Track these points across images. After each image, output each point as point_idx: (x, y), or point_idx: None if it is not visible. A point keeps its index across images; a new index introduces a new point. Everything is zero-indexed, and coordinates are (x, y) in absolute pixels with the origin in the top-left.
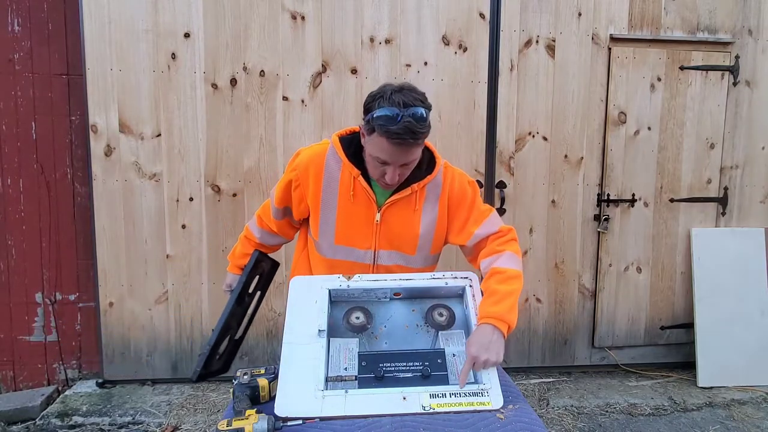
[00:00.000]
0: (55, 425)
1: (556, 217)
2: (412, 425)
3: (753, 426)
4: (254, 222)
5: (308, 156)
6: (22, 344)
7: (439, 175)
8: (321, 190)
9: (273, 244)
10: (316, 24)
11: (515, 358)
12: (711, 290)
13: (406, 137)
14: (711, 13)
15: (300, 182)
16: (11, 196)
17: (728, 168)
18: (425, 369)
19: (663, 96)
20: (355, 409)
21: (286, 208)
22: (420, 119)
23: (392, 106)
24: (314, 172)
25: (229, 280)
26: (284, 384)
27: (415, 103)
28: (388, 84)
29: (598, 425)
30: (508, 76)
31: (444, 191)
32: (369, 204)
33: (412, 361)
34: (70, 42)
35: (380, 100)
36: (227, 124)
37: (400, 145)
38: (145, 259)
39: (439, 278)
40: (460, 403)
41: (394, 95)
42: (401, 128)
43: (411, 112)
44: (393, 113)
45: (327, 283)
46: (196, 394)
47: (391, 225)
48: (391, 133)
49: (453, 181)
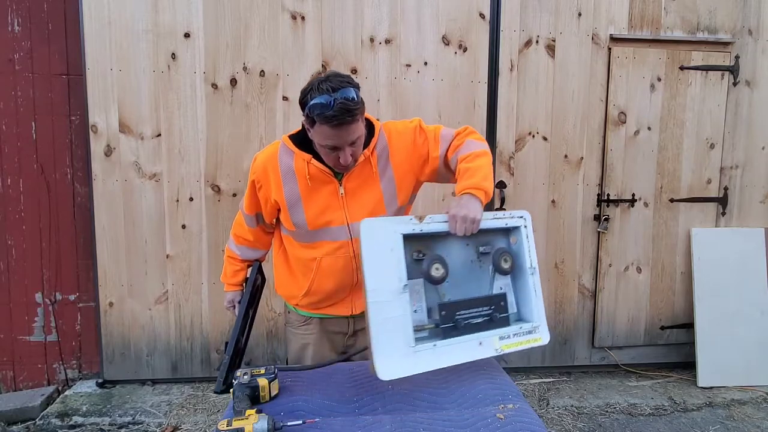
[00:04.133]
0: (55, 425)
1: (556, 217)
2: (412, 425)
3: (753, 426)
4: (232, 242)
5: (263, 157)
6: (22, 344)
7: (382, 135)
8: (282, 184)
9: (253, 258)
10: (316, 24)
11: (515, 358)
12: (711, 290)
13: (343, 117)
14: (711, 13)
15: (261, 183)
16: (11, 196)
17: (728, 168)
18: (493, 314)
19: (663, 96)
20: (443, 360)
21: (257, 213)
22: (350, 99)
23: (323, 93)
24: (272, 170)
25: (230, 297)
26: (380, 347)
27: (343, 85)
28: (315, 77)
29: (598, 425)
30: (508, 76)
31: (392, 147)
32: (329, 181)
33: (481, 307)
34: (70, 42)
35: (311, 92)
36: (227, 124)
37: (341, 126)
38: (145, 259)
39: (500, 218)
40: (520, 342)
41: (323, 84)
42: (337, 111)
43: (341, 95)
44: (326, 100)
45: (400, 226)
46: (196, 394)
47: (356, 193)
48: (329, 117)
49: (396, 133)
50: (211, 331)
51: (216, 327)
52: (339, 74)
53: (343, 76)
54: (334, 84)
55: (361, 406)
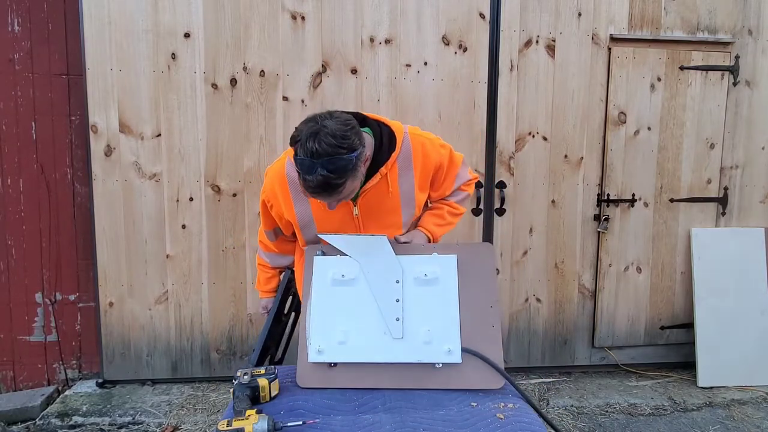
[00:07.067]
0: (55, 425)
1: (556, 217)
2: (412, 425)
3: (753, 426)
4: (261, 250)
5: (270, 175)
6: (22, 344)
7: (407, 143)
8: (292, 204)
9: (284, 264)
10: (316, 24)
11: (515, 358)
12: (711, 290)
13: (322, 191)
14: (711, 13)
15: (272, 202)
16: (11, 196)
17: (728, 168)
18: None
19: (663, 96)
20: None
21: (275, 228)
22: (336, 170)
23: (306, 155)
24: (280, 189)
25: (264, 303)
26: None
27: (333, 151)
28: (310, 119)
29: (598, 425)
30: (508, 76)
31: (416, 159)
32: (342, 202)
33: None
34: (70, 42)
35: (298, 144)
36: (227, 124)
37: (319, 195)
38: (145, 259)
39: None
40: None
41: (309, 142)
42: (315, 184)
43: (325, 167)
44: (306, 166)
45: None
46: (196, 395)
47: (371, 213)
48: (307, 186)
49: (424, 148)
50: (211, 331)
51: (216, 327)
52: (335, 133)
53: (339, 136)
54: (322, 148)
55: (361, 405)
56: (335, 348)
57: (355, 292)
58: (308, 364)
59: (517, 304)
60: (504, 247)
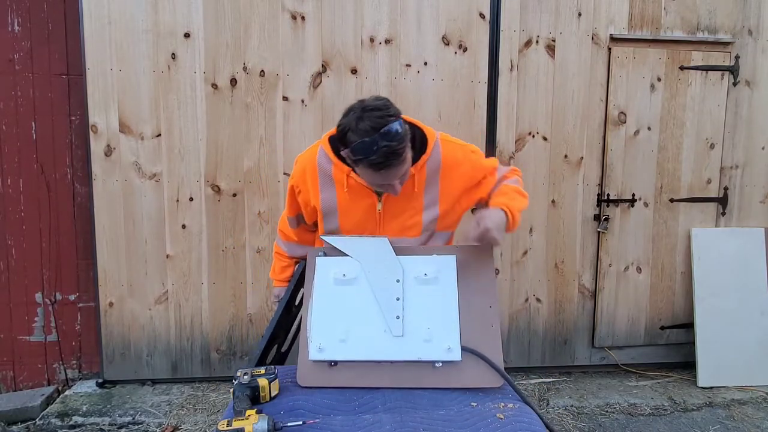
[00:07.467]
0: (55, 425)
1: (556, 217)
2: (412, 425)
3: (753, 426)
4: (279, 239)
5: (302, 161)
6: (22, 344)
7: (437, 150)
8: (319, 190)
9: (301, 254)
10: (316, 24)
11: (515, 358)
12: (711, 290)
13: (389, 161)
14: (711, 13)
15: (300, 188)
16: (11, 196)
17: (728, 168)
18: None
19: (663, 96)
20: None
21: (298, 215)
22: (395, 136)
23: (364, 135)
24: (310, 175)
25: (277, 292)
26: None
27: (384, 121)
28: (352, 108)
29: (598, 425)
30: (508, 76)
31: (445, 168)
32: (368, 194)
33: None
34: (70, 42)
35: (350, 132)
36: (227, 124)
37: (388, 168)
38: (145, 259)
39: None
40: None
41: (361, 122)
42: (381, 156)
43: (384, 135)
44: (368, 144)
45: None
46: (196, 395)
47: (395, 211)
48: (374, 163)
49: (455, 155)
50: (211, 331)
51: (216, 327)
52: (377, 106)
53: (382, 108)
54: (374, 122)
55: (361, 405)
56: (336, 346)
57: (356, 291)
58: (309, 363)
59: (517, 304)
60: (504, 247)
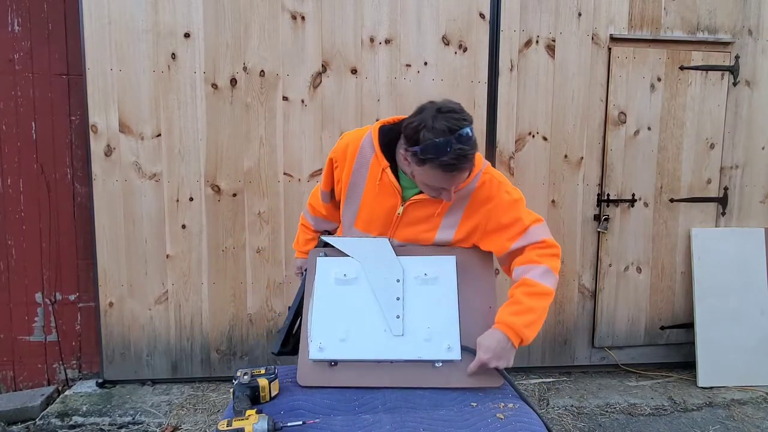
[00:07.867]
0: (55, 425)
1: (556, 217)
2: (412, 425)
3: (753, 426)
4: (307, 211)
5: (348, 138)
6: (22, 344)
7: (476, 179)
8: (352, 172)
9: (327, 229)
10: (316, 24)
11: (515, 358)
12: (711, 290)
13: (461, 164)
14: (711, 13)
15: (339, 162)
16: (11, 196)
17: (728, 168)
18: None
19: (663, 96)
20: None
21: (332, 189)
22: (468, 140)
23: (439, 135)
24: (351, 153)
25: (299, 264)
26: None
27: (460, 124)
28: (424, 108)
29: (598, 425)
30: (508, 76)
31: (473, 200)
32: (394, 195)
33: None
34: (70, 42)
35: (423, 130)
36: (227, 124)
37: (457, 171)
38: (145, 259)
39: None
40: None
41: (437, 121)
42: (454, 158)
43: (459, 137)
44: (442, 144)
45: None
46: (196, 394)
47: (411, 221)
48: (445, 164)
49: (489, 191)
50: (211, 331)
51: (216, 327)
52: (453, 109)
53: (458, 111)
54: (451, 123)
55: (361, 405)
56: (336, 345)
57: (356, 291)
58: (309, 362)
59: None
60: None
